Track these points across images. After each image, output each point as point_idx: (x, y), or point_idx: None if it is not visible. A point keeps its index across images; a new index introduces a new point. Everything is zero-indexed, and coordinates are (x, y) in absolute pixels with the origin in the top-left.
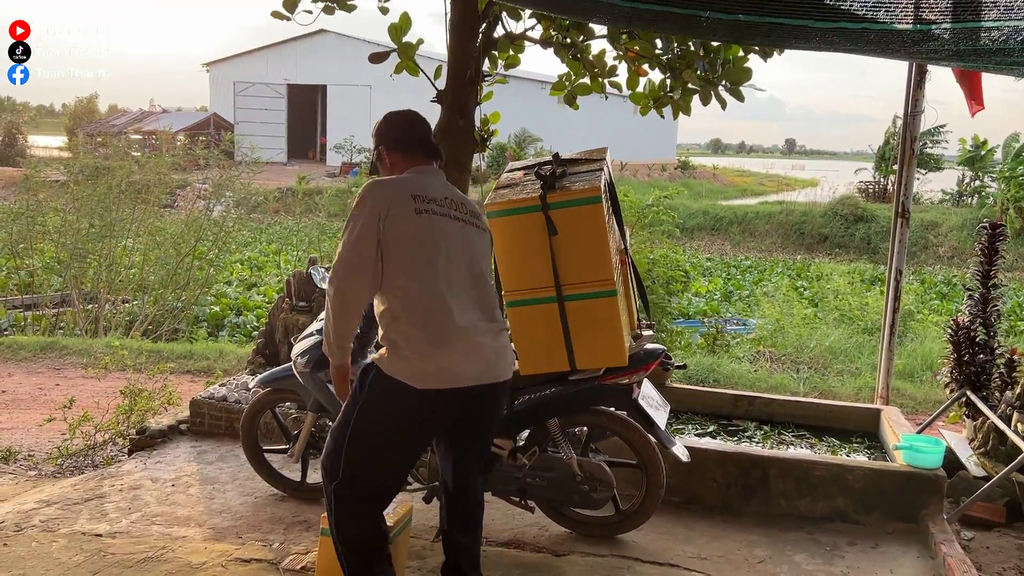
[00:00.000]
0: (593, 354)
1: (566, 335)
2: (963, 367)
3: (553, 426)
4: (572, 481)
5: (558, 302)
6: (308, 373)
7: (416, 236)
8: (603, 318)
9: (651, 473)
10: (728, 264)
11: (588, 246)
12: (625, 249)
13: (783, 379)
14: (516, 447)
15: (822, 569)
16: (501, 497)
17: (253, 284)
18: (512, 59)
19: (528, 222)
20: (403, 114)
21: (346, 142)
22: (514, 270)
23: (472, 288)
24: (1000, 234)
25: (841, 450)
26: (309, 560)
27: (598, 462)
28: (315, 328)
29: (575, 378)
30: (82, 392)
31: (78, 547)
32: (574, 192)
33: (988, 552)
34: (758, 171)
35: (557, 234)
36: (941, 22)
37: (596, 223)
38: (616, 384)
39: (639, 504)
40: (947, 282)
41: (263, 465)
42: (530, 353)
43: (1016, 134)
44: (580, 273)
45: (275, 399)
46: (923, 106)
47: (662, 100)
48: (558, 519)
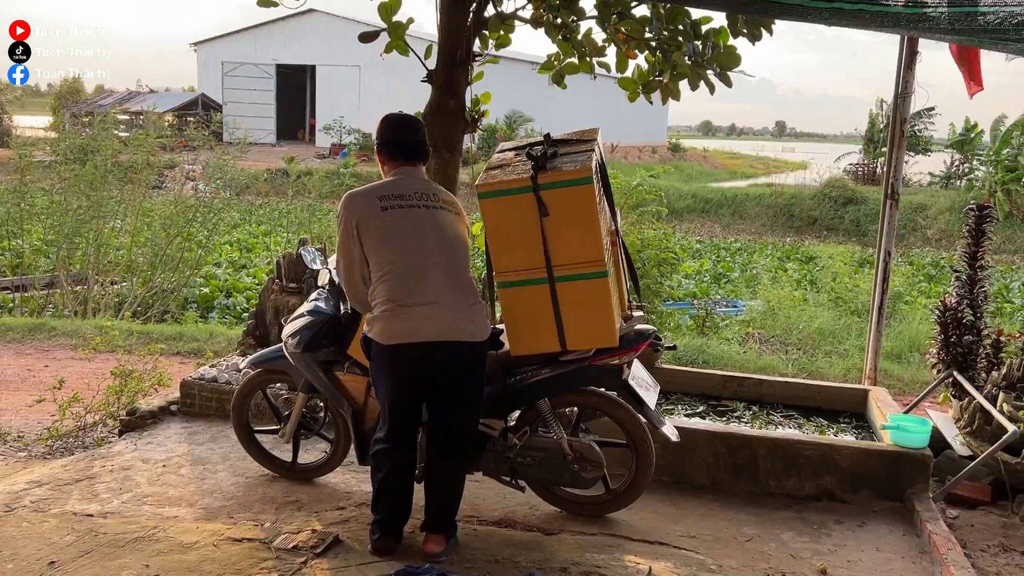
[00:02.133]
0: (584, 335)
1: (557, 316)
2: (950, 348)
3: (544, 406)
4: (562, 461)
5: (549, 283)
6: (299, 354)
7: (383, 228)
8: (594, 299)
9: (641, 453)
10: (718, 246)
11: (579, 227)
12: (616, 230)
13: (772, 360)
14: (507, 427)
15: (809, 547)
16: (492, 477)
17: (243, 266)
18: (503, 39)
19: (519, 203)
20: (390, 119)
21: (335, 123)
22: (505, 251)
23: (442, 263)
24: (987, 216)
25: (829, 430)
26: (300, 539)
27: (588, 442)
28: (306, 309)
29: (566, 359)
30: (72, 373)
31: (69, 527)
32: (566, 173)
33: (973, 530)
34: (748, 153)
35: (548, 215)
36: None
37: (587, 204)
38: (606, 364)
39: (628, 484)
40: (935, 264)
41: (254, 446)
42: (521, 334)
43: (1003, 117)
44: (571, 254)
45: (265, 380)
46: (913, 88)
47: (651, 85)
48: (549, 498)
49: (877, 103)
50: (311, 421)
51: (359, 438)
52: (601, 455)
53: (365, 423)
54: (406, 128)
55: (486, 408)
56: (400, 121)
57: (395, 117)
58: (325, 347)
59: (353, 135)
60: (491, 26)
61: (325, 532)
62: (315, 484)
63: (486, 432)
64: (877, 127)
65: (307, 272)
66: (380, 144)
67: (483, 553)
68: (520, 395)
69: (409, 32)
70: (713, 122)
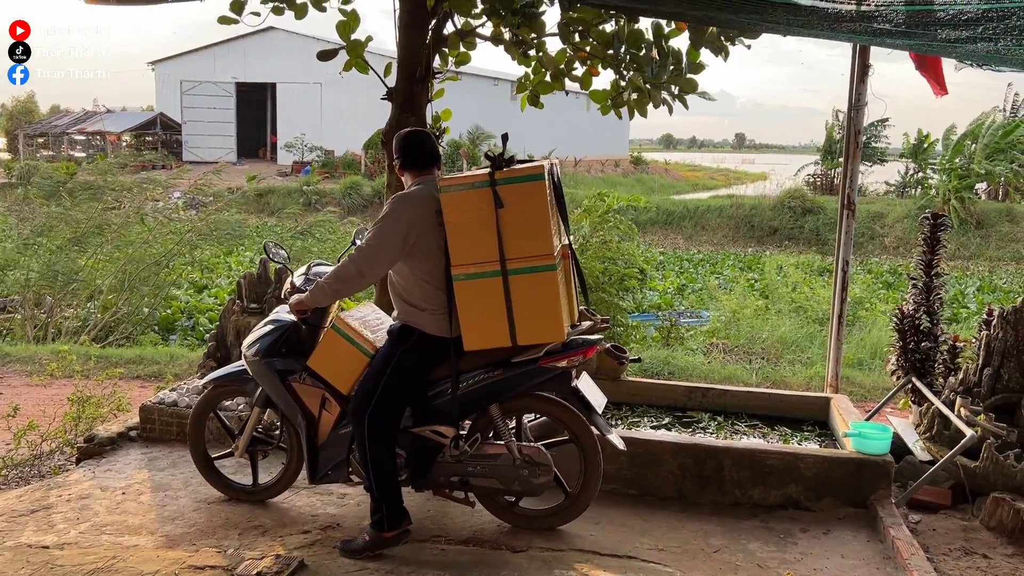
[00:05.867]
0: (533, 328)
1: (508, 309)
2: (908, 355)
3: (495, 411)
4: (512, 466)
5: (502, 276)
6: (257, 361)
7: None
8: (543, 292)
9: (588, 460)
10: (681, 258)
11: (531, 220)
12: (569, 244)
13: (736, 370)
14: (458, 435)
15: (776, 556)
16: (442, 495)
17: (204, 287)
18: (463, 56)
19: (477, 196)
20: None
21: (297, 140)
22: (463, 245)
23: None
24: (942, 224)
25: (793, 438)
26: (264, 565)
27: (536, 446)
28: (266, 320)
29: (517, 360)
30: (27, 400)
31: (24, 560)
32: (520, 170)
33: (935, 534)
34: (709, 165)
35: (503, 207)
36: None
37: (539, 199)
38: (555, 366)
39: (577, 492)
40: (893, 271)
41: (213, 472)
42: (474, 327)
43: (953, 127)
44: (523, 247)
45: (220, 395)
46: (866, 100)
47: (618, 100)
48: (498, 512)
49: (833, 114)
50: (266, 437)
51: (311, 452)
52: (550, 459)
53: (318, 437)
54: (423, 142)
55: (439, 415)
56: (416, 136)
57: (412, 134)
58: (283, 356)
59: (315, 152)
60: (451, 43)
61: (289, 557)
62: (279, 508)
63: (438, 440)
64: (833, 137)
65: (268, 292)
66: (404, 160)
67: (452, 572)
68: (472, 400)
69: (369, 49)
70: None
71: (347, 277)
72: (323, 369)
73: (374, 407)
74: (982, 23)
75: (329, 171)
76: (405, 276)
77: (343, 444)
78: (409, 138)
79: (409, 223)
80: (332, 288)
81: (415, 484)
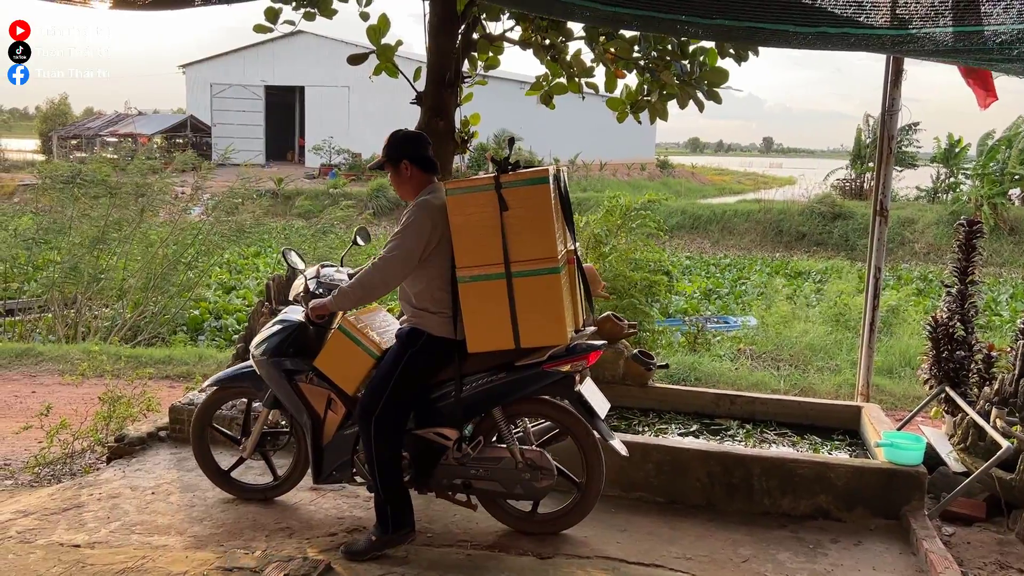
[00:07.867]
0: (536, 331)
1: (512, 311)
2: (942, 363)
3: (498, 415)
4: (515, 470)
5: (507, 278)
6: (264, 360)
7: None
8: (547, 295)
9: (591, 465)
10: (708, 262)
11: (535, 223)
12: (574, 250)
13: (764, 376)
14: (462, 437)
15: (806, 567)
16: (445, 497)
17: (232, 287)
18: (492, 60)
19: (482, 199)
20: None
21: (325, 143)
22: (468, 247)
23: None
24: (977, 231)
25: (823, 448)
26: (291, 568)
27: (539, 450)
28: (275, 320)
29: (520, 363)
30: (59, 399)
31: (56, 558)
32: (525, 174)
33: (969, 547)
34: (736, 169)
35: (508, 210)
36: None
37: (543, 203)
38: (558, 370)
39: (579, 497)
40: (923, 278)
41: (218, 472)
42: (478, 329)
43: (991, 132)
44: (527, 250)
45: (223, 397)
46: (900, 105)
47: (639, 104)
48: (500, 516)
49: (863, 118)
50: (277, 439)
51: (316, 452)
52: (552, 463)
53: (324, 437)
54: (428, 146)
55: (443, 417)
56: (423, 138)
57: (419, 135)
58: (291, 355)
59: (342, 155)
60: (480, 48)
61: (316, 560)
62: (306, 510)
63: (442, 443)
64: (863, 142)
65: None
66: (413, 157)
67: None
68: (476, 403)
69: (398, 54)
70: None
71: (372, 285)
72: (329, 370)
73: (382, 408)
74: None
75: (356, 174)
76: (417, 280)
77: (348, 445)
78: (417, 138)
79: (431, 231)
80: (356, 296)
81: (418, 486)
